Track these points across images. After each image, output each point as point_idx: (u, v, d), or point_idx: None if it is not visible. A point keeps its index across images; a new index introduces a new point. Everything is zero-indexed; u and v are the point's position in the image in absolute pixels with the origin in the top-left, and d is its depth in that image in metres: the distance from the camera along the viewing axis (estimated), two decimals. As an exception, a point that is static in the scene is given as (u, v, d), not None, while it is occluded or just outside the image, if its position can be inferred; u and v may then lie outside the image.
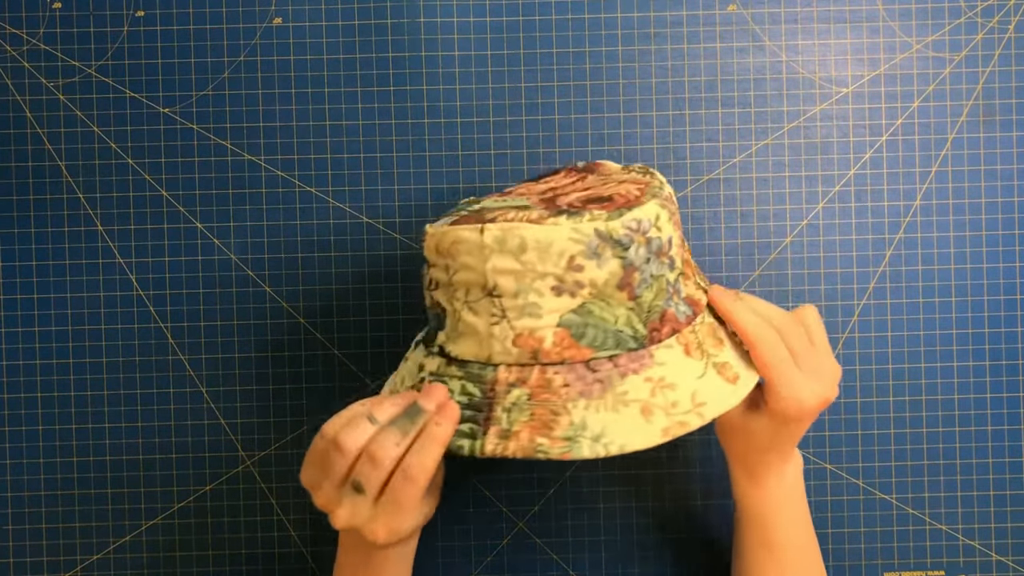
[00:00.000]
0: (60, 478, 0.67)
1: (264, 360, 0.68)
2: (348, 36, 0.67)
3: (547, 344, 0.49)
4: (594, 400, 0.49)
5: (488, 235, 0.48)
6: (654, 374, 0.50)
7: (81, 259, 0.67)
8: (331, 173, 0.68)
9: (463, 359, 0.51)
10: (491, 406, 0.49)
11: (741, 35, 0.68)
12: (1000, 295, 0.67)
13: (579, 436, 0.48)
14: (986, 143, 0.67)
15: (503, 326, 0.49)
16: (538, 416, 0.49)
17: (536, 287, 0.49)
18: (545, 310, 0.49)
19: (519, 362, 0.50)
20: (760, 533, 0.58)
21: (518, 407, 0.49)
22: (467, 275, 0.50)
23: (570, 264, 0.49)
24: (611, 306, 0.50)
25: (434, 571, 0.68)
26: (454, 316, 0.51)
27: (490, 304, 0.49)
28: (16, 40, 0.67)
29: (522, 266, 0.48)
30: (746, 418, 0.55)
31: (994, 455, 0.67)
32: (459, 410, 0.49)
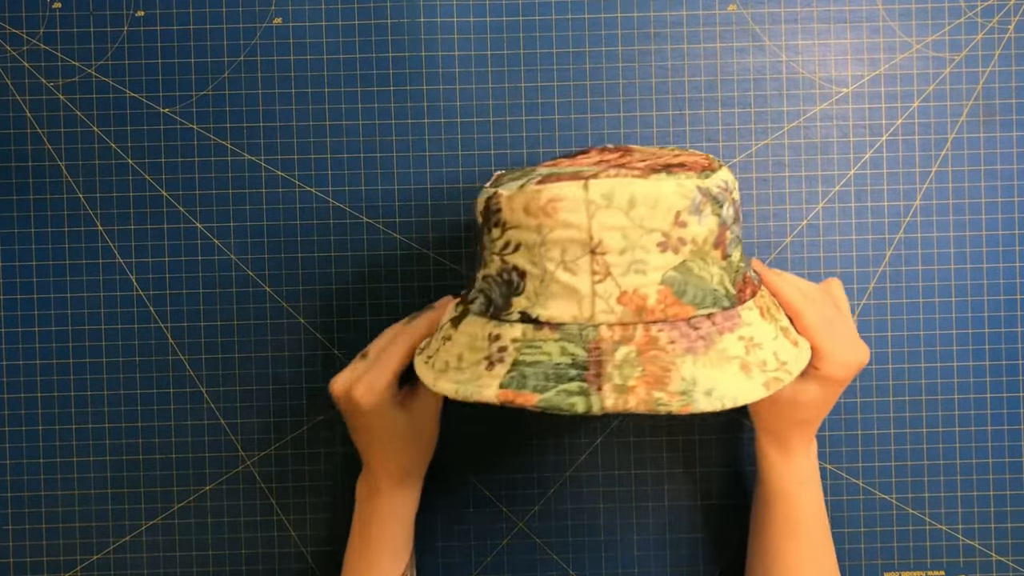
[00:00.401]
0: (60, 478, 0.67)
1: (264, 360, 0.68)
2: (348, 36, 0.67)
3: (651, 302, 0.49)
4: (700, 356, 0.49)
5: (594, 190, 0.48)
6: (745, 333, 0.51)
7: (81, 259, 0.67)
8: (331, 173, 0.68)
9: (558, 322, 0.49)
10: (600, 363, 0.48)
11: (741, 35, 0.68)
12: (1000, 295, 0.67)
13: (692, 391, 0.48)
14: (986, 143, 0.67)
15: (608, 284, 0.48)
16: (650, 372, 0.48)
17: (643, 243, 0.48)
18: (651, 267, 0.49)
19: (622, 321, 0.49)
20: (784, 510, 0.59)
21: (629, 363, 0.48)
22: (566, 233, 0.48)
23: (676, 220, 0.49)
24: (707, 264, 0.50)
25: (434, 571, 0.68)
26: (543, 278, 0.49)
27: (592, 262, 0.48)
28: (16, 40, 0.67)
29: (631, 222, 0.48)
30: (795, 389, 0.57)
31: (994, 455, 0.67)
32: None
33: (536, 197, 0.49)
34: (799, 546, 0.59)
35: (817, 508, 0.60)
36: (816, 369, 0.56)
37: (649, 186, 0.48)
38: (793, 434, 0.59)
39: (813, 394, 0.57)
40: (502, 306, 0.51)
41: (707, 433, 0.68)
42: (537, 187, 0.49)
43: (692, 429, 0.68)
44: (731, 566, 0.68)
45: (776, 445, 0.60)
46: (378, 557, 0.60)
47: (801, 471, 0.60)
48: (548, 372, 0.48)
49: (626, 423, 0.68)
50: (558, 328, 0.49)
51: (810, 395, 0.57)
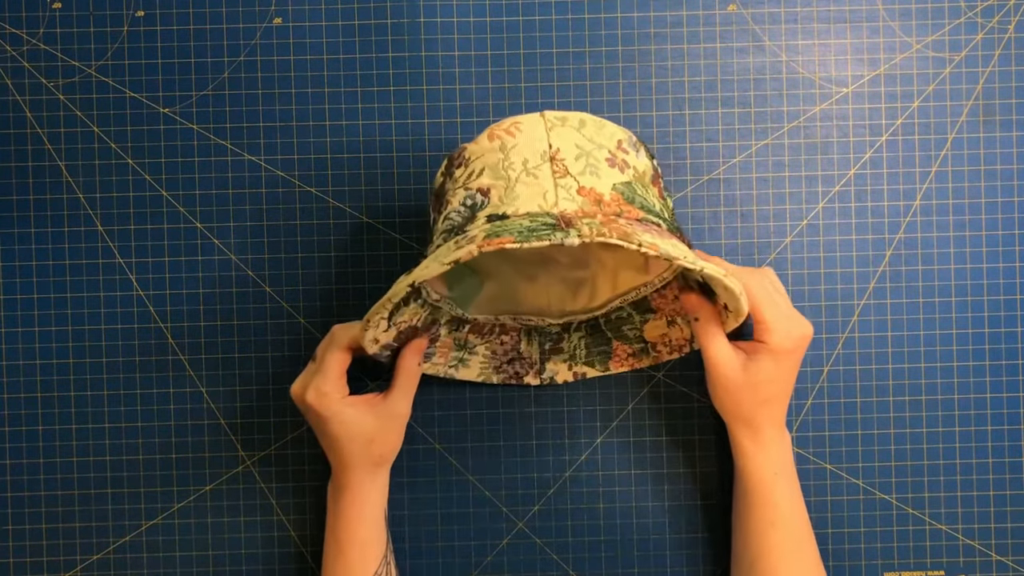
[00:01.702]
0: (60, 478, 0.67)
1: (264, 360, 0.68)
2: (348, 36, 0.67)
3: (606, 198, 0.54)
4: (655, 235, 0.51)
5: (550, 115, 0.55)
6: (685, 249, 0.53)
7: (81, 259, 0.67)
8: (331, 173, 0.68)
9: (525, 212, 0.53)
10: (570, 221, 0.50)
11: (741, 35, 0.68)
12: (1000, 295, 0.67)
13: (657, 244, 0.50)
14: (986, 143, 0.67)
15: (567, 179, 0.54)
16: (615, 231, 0.49)
17: (595, 155, 0.55)
18: (602, 173, 0.55)
19: (583, 208, 0.53)
20: (763, 501, 0.60)
21: (595, 225, 0.50)
22: (527, 145, 0.54)
23: (619, 146, 0.56)
24: (648, 193, 0.57)
25: (434, 571, 0.68)
26: (508, 184, 0.54)
27: (552, 165, 0.54)
28: (16, 40, 0.67)
29: (582, 137, 0.55)
30: (748, 370, 0.59)
31: (994, 455, 0.67)
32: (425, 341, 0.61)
33: (498, 125, 0.55)
34: (781, 537, 0.60)
35: (795, 498, 0.61)
36: (764, 343, 0.59)
37: (593, 116, 0.56)
38: (762, 418, 0.60)
39: (767, 369, 0.59)
40: (467, 221, 0.55)
41: (707, 433, 0.68)
42: (499, 121, 0.56)
43: (692, 429, 0.68)
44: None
45: (748, 434, 0.61)
46: (350, 556, 0.61)
47: (776, 460, 0.61)
48: (523, 228, 0.50)
49: (626, 423, 0.68)
50: (526, 215, 0.52)
51: (764, 370, 0.59)
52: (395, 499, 0.68)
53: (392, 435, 0.61)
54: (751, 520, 0.61)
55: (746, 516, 0.62)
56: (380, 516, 0.63)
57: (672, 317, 0.64)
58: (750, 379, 0.59)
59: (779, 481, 0.61)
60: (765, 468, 0.61)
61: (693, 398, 0.68)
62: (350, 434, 0.60)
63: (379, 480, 0.62)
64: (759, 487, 0.61)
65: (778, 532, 0.60)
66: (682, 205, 0.68)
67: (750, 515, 0.61)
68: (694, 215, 0.68)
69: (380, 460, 0.62)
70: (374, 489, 0.62)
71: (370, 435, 0.60)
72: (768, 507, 0.60)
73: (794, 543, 0.60)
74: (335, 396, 0.59)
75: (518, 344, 0.66)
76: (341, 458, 0.61)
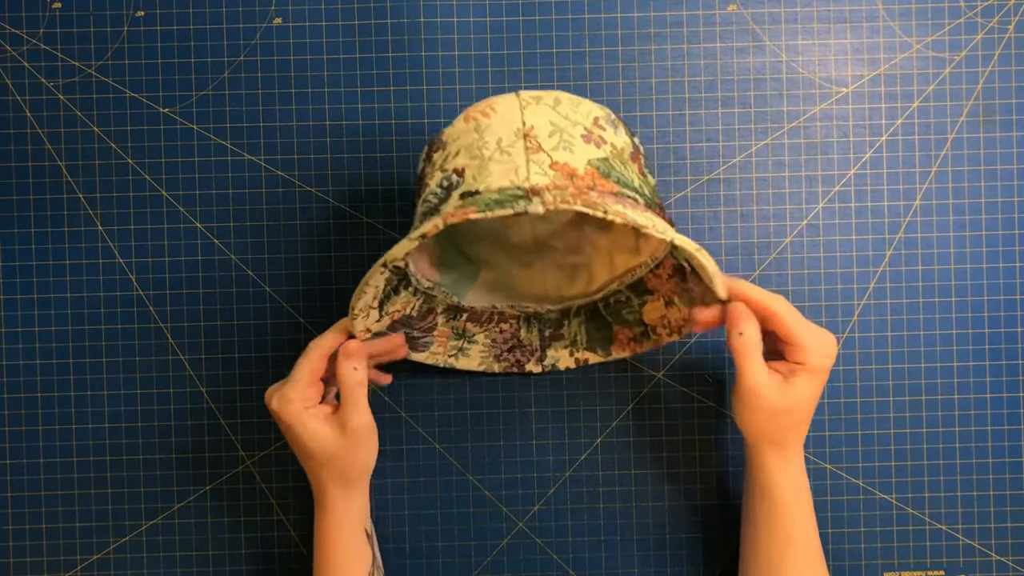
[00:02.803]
0: (60, 478, 0.67)
1: (264, 360, 0.68)
2: (348, 36, 0.67)
3: (580, 172, 0.53)
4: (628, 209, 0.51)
5: (525, 94, 0.55)
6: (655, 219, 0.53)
7: (81, 259, 0.67)
8: (331, 173, 0.68)
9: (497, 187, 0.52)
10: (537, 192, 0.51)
11: (741, 35, 0.68)
12: (1000, 295, 0.67)
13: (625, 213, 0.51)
14: (986, 143, 0.67)
15: (540, 155, 0.53)
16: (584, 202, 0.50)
17: (570, 132, 0.55)
18: (577, 149, 0.54)
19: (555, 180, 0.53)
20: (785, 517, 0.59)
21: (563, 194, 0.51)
22: (501, 124, 0.54)
23: (595, 123, 0.56)
24: (627, 169, 0.56)
25: (434, 571, 0.68)
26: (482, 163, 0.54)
27: (525, 142, 0.54)
28: (16, 40, 0.67)
29: (557, 115, 0.55)
30: (786, 392, 0.57)
31: (994, 455, 0.67)
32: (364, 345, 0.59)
33: (475, 107, 0.56)
34: (799, 554, 0.59)
35: (812, 514, 0.60)
36: (802, 364, 0.57)
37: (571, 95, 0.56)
38: (792, 438, 0.59)
39: (804, 390, 0.57)
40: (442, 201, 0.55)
41: (707, 433, 0.68)
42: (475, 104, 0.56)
43: (692, 429, 0.68)
44: (731, 566, 0.68)
45: (776, 453, 0.59)
46: (333, 569, 0.60)
47: (799, 478, 0.60)
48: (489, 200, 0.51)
49: (626, 423, 0.68)
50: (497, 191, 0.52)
51: (802, 392, 0.57)
52: (395, 499, 0.68)
53: (353, 451, 0.59)
54: (770, 537, 0.60)
55: (764, 533, 0.60)
56: (358, 533, 0.61)
57: (669, 298, 0.63)
58: (787, 401, 0.57)
59: (801, 499, 0.60)
60: (789, 486, 0.59)
61: (693, 398, 0.68)
62: (312, 447, 0.58)
63: (353, 498, 0.61)
64: (782, 505, 0.59)
65: (796, 549, 0.59)
66: (682, 205, 0.68)
67: (769, 532, 0.60)
68: (694, 215, 0.68)
69: (346, 477, 0.60)
70: (349, 507, 0.61)
71: (330, 450, 0.58)
72: (789, 524, 0.59)
73: (811, 561, 0.60)
74: (298, 404, 0.58)
75: (517, 332, 0.66)
76: (310, 473, 0.61)
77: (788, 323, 0.57)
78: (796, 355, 0.57)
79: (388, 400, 0.68)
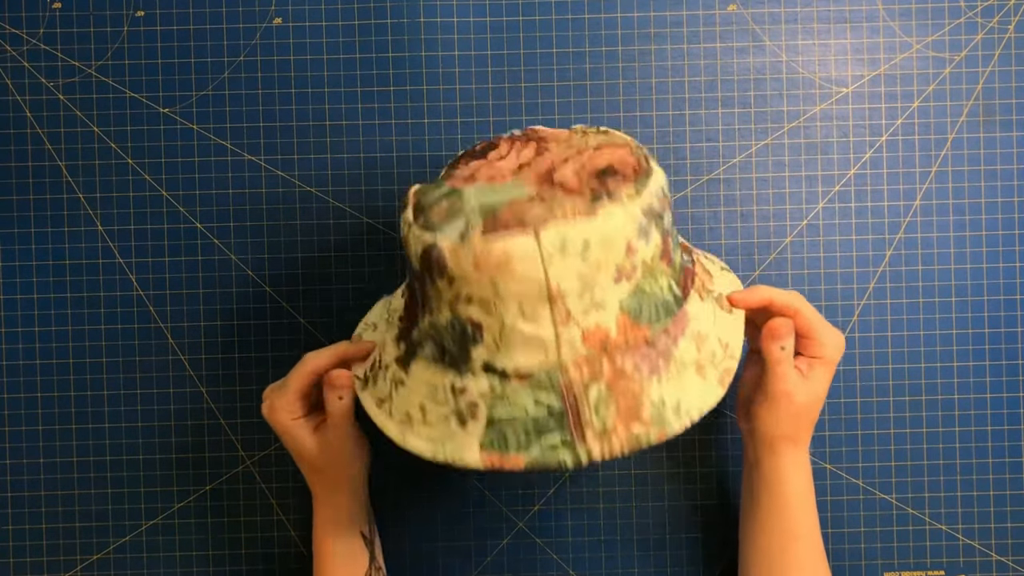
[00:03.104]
0: (60, 478, 0.67)
1: (264, 360, 0.68)
2: (348, 36, 0.67)
3: (613, 334, 0.49)
4: (662, 374, 0.50)
5: (547, 241, 0.46)
6: (694, 328, 0.52)
7: (81, 259, 0.67)
8: (331, 173, 0.68)
9: (526, 372, 0.48)
10: (577, 410, 0.49)
11: (741, 35, 0.68)
12: (1000, 295, 0.67)
13: (663, 413, 0.50)
14: (986, 143, 0.67)
15: (571, 327, 0.48)
16: (623, 406, 0.49)
17: (600, 280, 0.48)
18: (609, 300, 0.48)
19: (588, 358, 0.48)
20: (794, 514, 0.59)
21: (603, 401, 0.49)
22: (522, 286, 0.47)
23: (628, 249, 0.48)
24: (657, 279, 0.50)
25: (434, 571, 0.68)
26: (502, 330, 0.48)
27: (552, 311, 0.47)
28: (16, 40, 0.67)
29: (586, 265, 0.47)
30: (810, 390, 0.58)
31: (994, 455, 0.67)
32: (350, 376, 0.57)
33: (486, 254, 0.47)
34: (804, 550, 0.59)
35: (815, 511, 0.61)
36: (820, 358, 0.58)
37: (600, 225, 0.47)
38: (806, 434, 0.60)
39: (822, 383, 0.58)
40: (459, 357, 0.50)
41: (707, 433, 0.68)
42: (485, 240, 0.47)
43: (692, 429, 0.68)
44: (731, 566, 0.68)
45: (791, 451, 0.59)
46: (326, 569, 0.61)
47: (807, 473, 0.60)
48: (527, 427, 0.49)
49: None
50: (527, 378, 0.48)
51: (821, 385, 0.58)
52: (395, 499, 0.68)
53: (337, 464, 0.60)
54: (775, 534, 0.60)
55: (768, 529, 0.60)
56: (352, 535, 0.61)
57: None
58: (809, 396, 0.58)
59: (808, 495, 0.60)
60: (799, 482, 0.59)
61: (693, 398, 0.68)
62: (298, 451, 0.60)
63: (344, 501, 0.61)
64: (789, 500, 0.59)
65: (802, 545, 0.59)
66: (682, 205, 0.68)
67: (773, 528, 0.60)
68: (694, 215, 0.68)
69: (334, 484, 0.61)
70: (339, 510, 0.61)
71: (314, 462, 0.59)
72: (795, 521, 0.59)
73: (815, 556, 0.60)
74: (284, 415, 0.58)
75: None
76: (305, 474, 0.61)
77: (809, 318, 0.58)
78: (814, 349, 0.58)
79: (388, 400, 0.68)
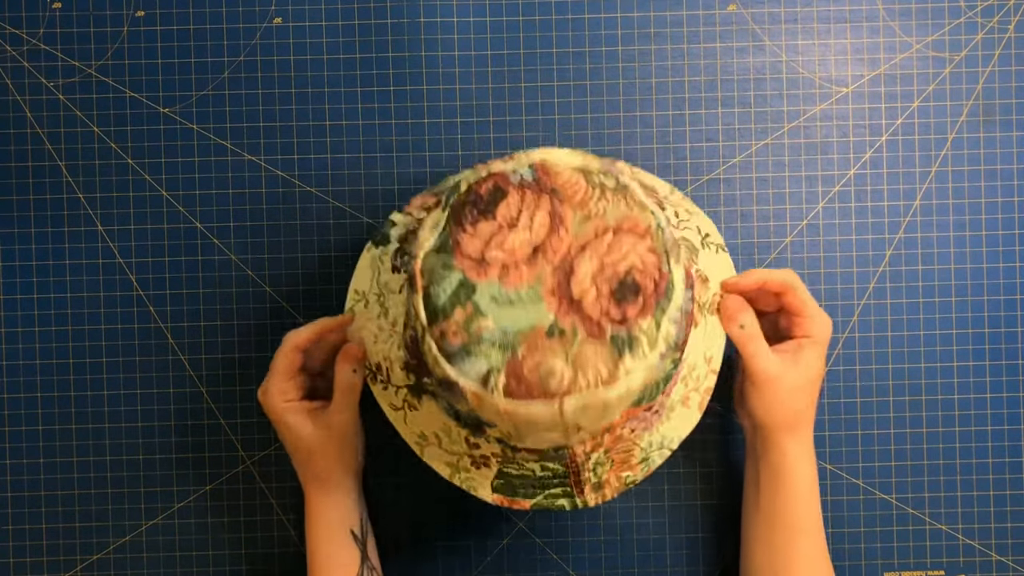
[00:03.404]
0: (60, 478, 0.67)
1: (264, 360, 0.67)
2: (348, 36, 0.67)
3: (618, 430, 0.52)
4: (654, 424, 0.55)
5: (569, 408, 0.47)
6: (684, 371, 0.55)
7: (81, 259, 0.67)
8: (331, 173, 0.68)
9: (535, 450, 0.52)
10: (578, 472, 0.54)
11: (741, 35, 0.68)
12: (1000, 295, 0.67)
13: (650, 455, 0.56)
14: (986, 143, 0.67)
15: (581, 434, 0.50)
16: (617, 460, 0.55)
17: (612, 419, 0.50)
18: (618, 413, 0.50)
19: (592, 437, 0.52)
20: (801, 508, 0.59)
21: (601, 464, 0.55)
22: (543, 438, 0.49)
23: (645, 399, 0.51)
24: (665, 374, 0.52)
25: (434, 571, 0.68)
26: (519, 436, 0.50)
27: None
28: (16, 40, 0.67)
29: (604, 418, 0.49)
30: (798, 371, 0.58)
31: (994, 455, 0.67)
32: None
33: (511, 414, 0.47)
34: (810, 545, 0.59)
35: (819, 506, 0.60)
36: (809, 337, 0.58)
37: (620, 389, 0.47)
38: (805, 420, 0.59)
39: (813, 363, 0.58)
40: (473, 427, 0.52)
41: (707, 433, 0.68)
42: (509, 402, 0.47)
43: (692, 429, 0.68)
44: (731, 566, 0.68)
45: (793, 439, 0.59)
46: (316, 568, 0.60)
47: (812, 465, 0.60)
48: (534, 483, 0.55)
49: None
50: (536, 453, 0.52)
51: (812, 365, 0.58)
52: (395, 499, 0.68)
53: (333, 449, 0.59)
54: (778, 528, 0.59)
55: (772, 524, 0.60)
56: (342, 533, 0.60)
57: None
58: (800, 377, 0.57)
59: (812, 489, 0.59)
60: (804, 475, 0.59)
61: (693, 398, 0.68)
62: (294, 443, 0.59)
63: (332, 498, 0.60)
64: (794, 493, 0.59)
65: (808, 539, 0.59)
66: (682, 205, 0.68)
67: (778, 523, 0.59)
68: (694, 215, 0.68)
69: (325, 476, 0.60)
70: (327, 507, 0.60)
71: (309, 447, 0.59)
72: (798, 514, 0.59)
73: (820, 551, 0.60)
74: (277, 398, 0.58)
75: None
76: (296, 468, 0.61)
77: (801, 296, 0.58)
78: (803, 327, 0.58)
79: (388, 400, 0.68)
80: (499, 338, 0.47)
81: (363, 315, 0.59)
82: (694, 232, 0.59)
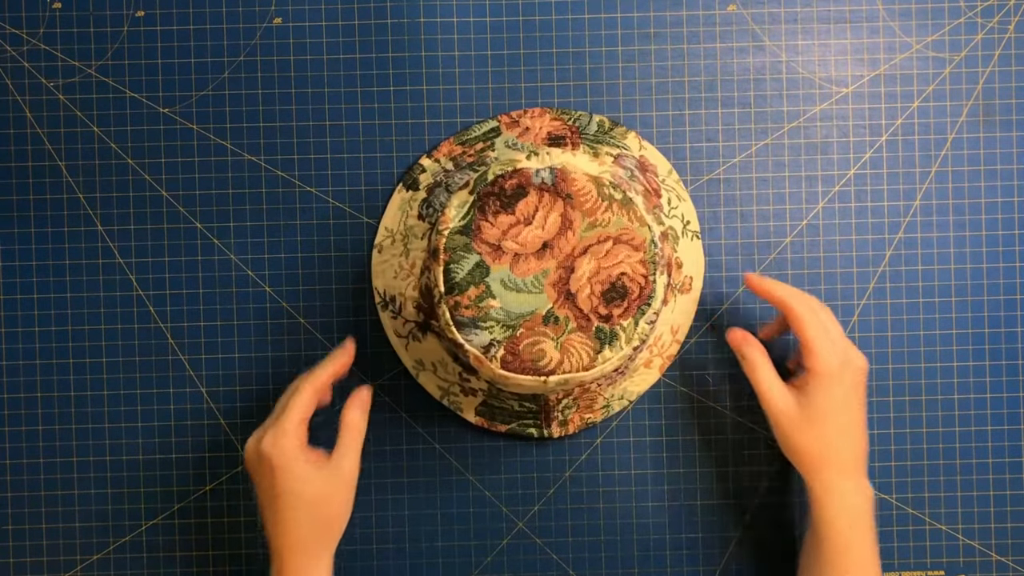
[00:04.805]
0: (60, 478, 0.68)
1: (264, 360, 0.68)
2: (348, 36, 0.67)
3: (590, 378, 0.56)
4: (619, 380, 0.63)
5: (551, 383, 0.54)
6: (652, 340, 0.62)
7: (81, 259, 0.67)
8: (331, 173, 0.68)
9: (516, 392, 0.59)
10: (548, 413, 0.63)
11: (741, 35, 0.68)
12: (1000, 295, 0.67)
13: (610, 403, 0.65)
14: (986, 143, 0.67)
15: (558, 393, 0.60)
16: (583, 405, 0.64)
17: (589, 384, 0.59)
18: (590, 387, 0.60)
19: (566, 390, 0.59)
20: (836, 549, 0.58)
21: (568, 407, 0.63)
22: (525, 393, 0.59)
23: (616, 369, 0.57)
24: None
25: (434, 571, 0.68)
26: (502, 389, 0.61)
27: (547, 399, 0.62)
28: (16, 40, 0.67)
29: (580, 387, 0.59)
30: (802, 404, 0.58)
31: (994, 455, 0.67)
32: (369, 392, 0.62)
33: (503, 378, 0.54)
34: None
35: (872, 548, 0.58)
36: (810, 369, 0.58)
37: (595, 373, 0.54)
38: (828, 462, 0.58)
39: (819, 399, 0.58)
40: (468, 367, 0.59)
41: (707, 433, 0.68)
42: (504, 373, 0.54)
43: (692, 429, 0.68)
44: (731, 566, 0.68)
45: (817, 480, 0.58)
46: None
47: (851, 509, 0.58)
48: (511, 414, 0.64)
49: (626, 423, 0.68)
50: (516, 394, 0.60)
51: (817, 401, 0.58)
52: (395, 499, 0.68)
53: (338, 499, 0.58)
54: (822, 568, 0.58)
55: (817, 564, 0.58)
56: None
57: None
58: (805, 414, 0.58)
59: (855, 533, 0.58)
60: (839, 518, 0.58)
61: (693, 398, 0.68)
62: (298, 493, 0.57)
63: (323, 566, 0.58)
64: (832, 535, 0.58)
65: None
66: (682, 205, 0.68)
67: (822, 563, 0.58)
68: (694, 215, 0.68)
69: (326, 531, 0.58)
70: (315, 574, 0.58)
71: (317, 496, 0.57)
72: (842, 556, 0.57)
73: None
74: (295, 441, 0.57)
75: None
76: (286, 530, 0.57)
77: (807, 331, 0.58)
78: (808, 359, 0.58)
79: (388, 400, 0.68)
80: (503, 317, 0.54)
81: (388, 250, 0.64)
82: (679, 221, 0.65)
